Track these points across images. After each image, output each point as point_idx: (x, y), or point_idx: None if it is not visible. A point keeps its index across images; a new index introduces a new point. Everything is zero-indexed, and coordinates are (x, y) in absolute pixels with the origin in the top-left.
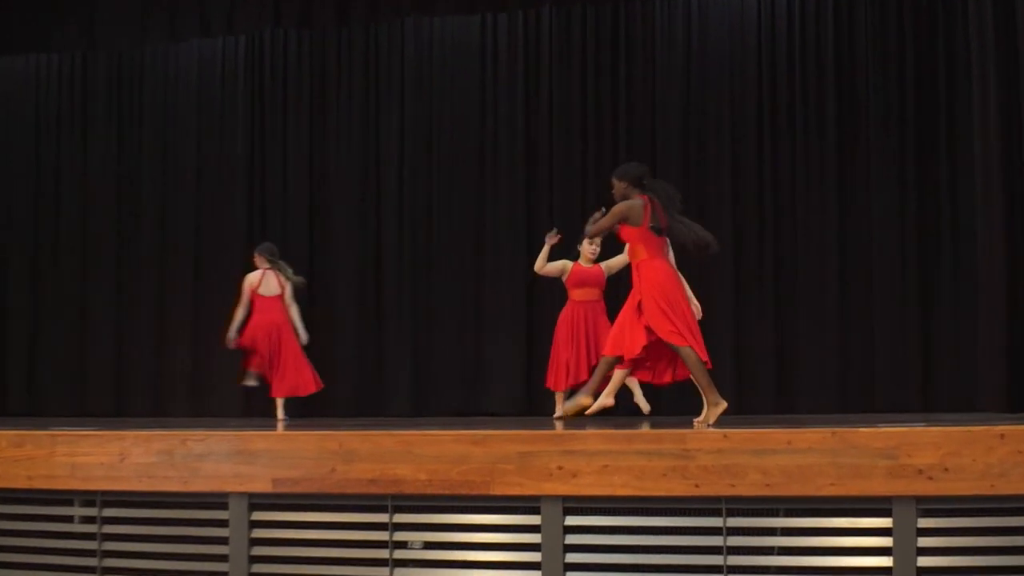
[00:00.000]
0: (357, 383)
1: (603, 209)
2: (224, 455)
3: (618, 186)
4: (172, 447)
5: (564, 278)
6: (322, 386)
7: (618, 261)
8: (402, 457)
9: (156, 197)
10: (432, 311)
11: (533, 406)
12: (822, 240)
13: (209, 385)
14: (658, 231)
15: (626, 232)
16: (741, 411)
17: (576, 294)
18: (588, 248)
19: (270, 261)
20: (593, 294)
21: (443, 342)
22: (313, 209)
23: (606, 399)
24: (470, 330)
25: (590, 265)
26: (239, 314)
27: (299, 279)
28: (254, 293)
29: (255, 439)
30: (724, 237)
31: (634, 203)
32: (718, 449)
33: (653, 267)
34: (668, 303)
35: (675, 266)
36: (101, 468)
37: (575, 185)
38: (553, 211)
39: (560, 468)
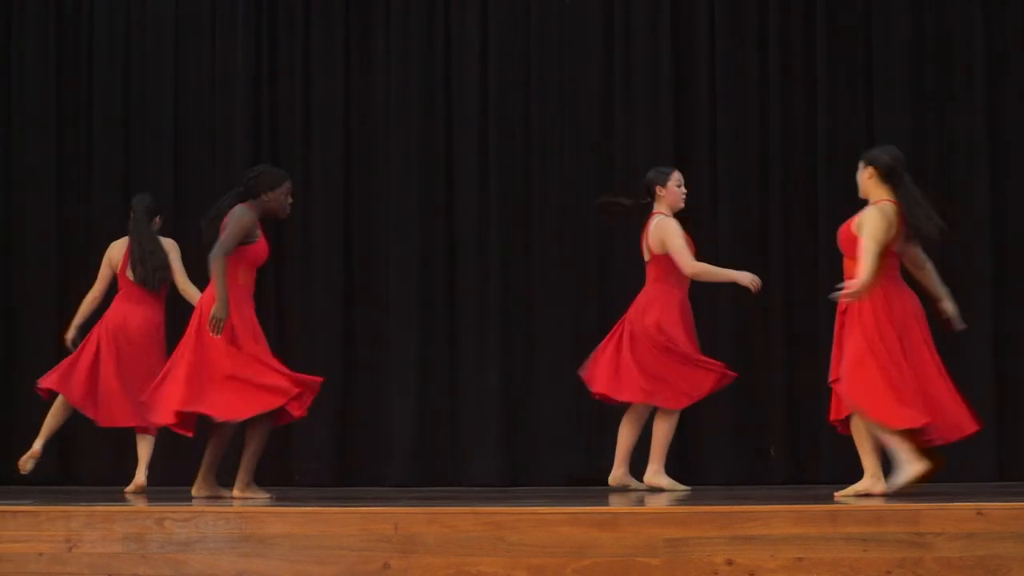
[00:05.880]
0: (419, 436)
1: None
2: (222, 542)
3: None
4: (144, 530)
5: None
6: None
7: None
8: (489, 547)
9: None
10: (532, 328)
11: (688, 469)
12: None
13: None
14: None
15: None
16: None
17: None
18: None
19: None
20: None
21: (548, 374)
22: (350, 174)
23: None
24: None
25: None
26: None
27: None
28: None
29: (268, 519)
30: None
31: None
32: (969, 533)
33: None
34: None
35: None
36: (39, 561)
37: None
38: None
39: (730, 564)
